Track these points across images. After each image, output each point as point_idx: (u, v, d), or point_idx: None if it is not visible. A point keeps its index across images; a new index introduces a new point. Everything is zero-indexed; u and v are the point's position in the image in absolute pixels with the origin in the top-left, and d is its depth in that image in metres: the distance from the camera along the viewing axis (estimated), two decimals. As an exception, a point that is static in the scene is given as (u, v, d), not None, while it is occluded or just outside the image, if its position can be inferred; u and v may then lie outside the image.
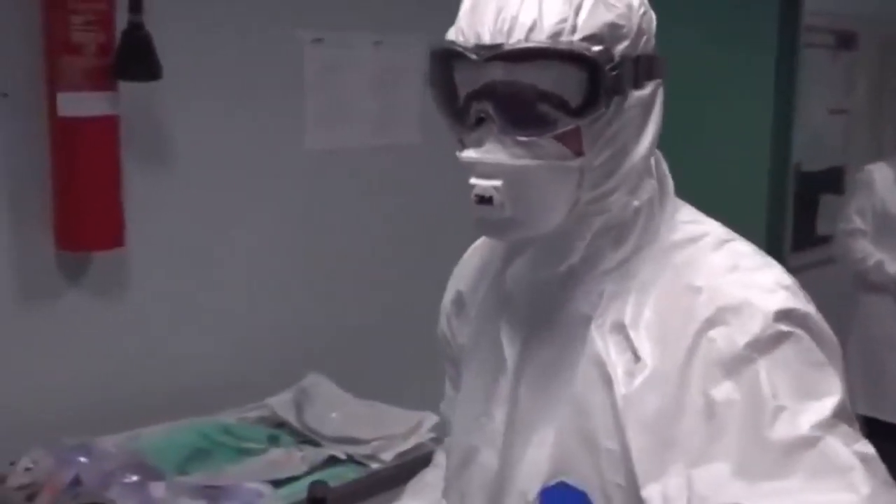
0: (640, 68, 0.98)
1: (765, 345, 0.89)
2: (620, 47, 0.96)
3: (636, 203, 1.01)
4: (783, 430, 0.86)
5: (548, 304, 1.05)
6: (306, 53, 2.42)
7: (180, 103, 2.14)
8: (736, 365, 0.90)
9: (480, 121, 0.97)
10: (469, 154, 0.98)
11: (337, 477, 1.94)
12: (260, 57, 2.31)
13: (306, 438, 2.08)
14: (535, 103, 0.96)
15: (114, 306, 2.12)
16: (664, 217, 1.04)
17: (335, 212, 2.53)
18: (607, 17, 0.95)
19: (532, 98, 0.96)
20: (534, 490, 1.02)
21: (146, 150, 2.12)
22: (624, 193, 1.00)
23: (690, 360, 0.92)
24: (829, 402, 0.87)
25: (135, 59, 1.92)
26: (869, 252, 3.81)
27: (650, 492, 0.91)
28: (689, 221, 1.05)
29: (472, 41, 0.97)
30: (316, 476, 1.93)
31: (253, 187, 2.33)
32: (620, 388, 0.96)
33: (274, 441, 2.07)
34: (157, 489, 1.81)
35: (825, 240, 4.63)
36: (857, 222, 3.91)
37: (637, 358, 0.96)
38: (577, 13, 0.94)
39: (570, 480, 0.99)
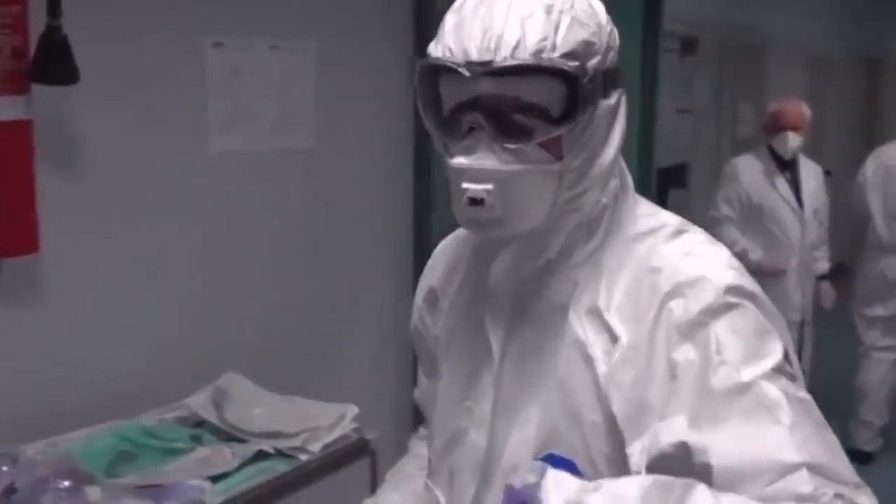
0: (608, 79, 1.10)
1: (716, 312, 1.04)
2: (593, 62, 1.08)
3: (604, 200, 1.14)
4: (723, 379, 0.99)
5: (527, 295, 1.17)
6: (208, 57, 2.44)
7: (89, 108, 2.13)
8: (692, 329, 1.03)
9: (471, 130, 1.08)
10: (460, 161, 1.09)
11: (268, 470, 1.99)
12: (165, 61, 2.32)
13: (229, 436, 2.12)
14: (522, 114, 1.08)
15: (26, 312, 2.10)
16: (626, 211, 1.17)
17: (242, 213, 2.56)
18: (582, 35, 1.08)
19: (519, 109, 1.08)
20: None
21: (58, 154, 2.11)
22: (596, 192, 1.13)
23: (655, 331, 1.06)
24: (770, 360, 1.01)
25: (53, 62, 1.91)
26: (734, 239, 4.14)
27: (632, 449, 1.04)
28: (648, 214, 1.19)
29: (460, 57, 1.07)
30: (247, 471, 1.98)
31: (163, 190, 2.34)
32: (600, 366, 1.09)
33: (197, 440, 2.10)
34: (93, 493, 1.81)
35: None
36: (725, 210, 4.26)
37: (613, 337, 1.09)
38: (556, 31, 1.06)
39: (558, 452, 1.11)
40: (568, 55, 1.06)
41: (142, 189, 2.29)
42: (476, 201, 1.08)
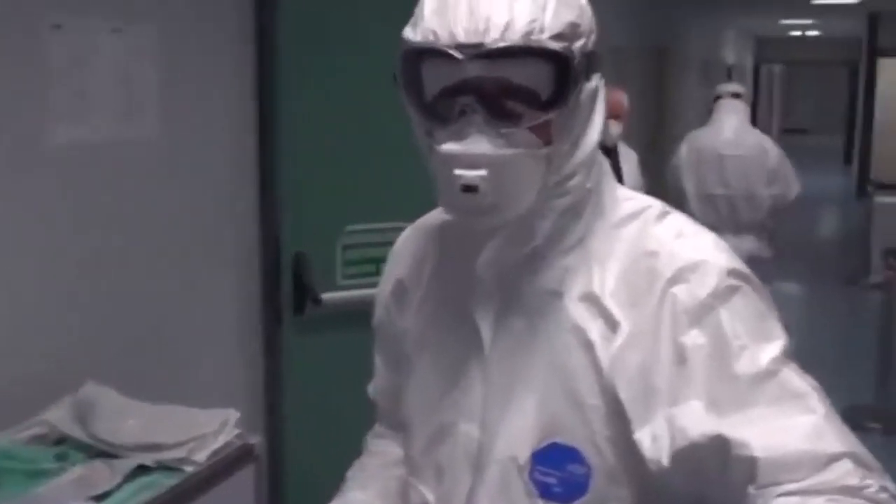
0: (589, 62, 1.09)
1: (722, 295, 1.05)
2: (578, 44, 1.08)
3: (588, 185, 1.13)
4: (747, 364, 1.01)
5: (516, 283, 1.15)
6: (46, 41, 2.23)
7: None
8: (699, 314, 1.04)
9: (461, 114, 1.05)
10: (452, 147, 1.06)
11: (152, 485, 1.84)
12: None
13: (99, 451, 1.94)
14: (512, 97, 1.06)
15: None
16: (608, 195, 1.17)
17: (86, 209, 2.36)
18: (568, 16, 1.07)
19: (509, 92, 1.06)
20: (524, 454, 1.10)
21: None
22: (581, 177, 1.11)
23: (659, 316, 1.06)
24: (778, 344, 1.04)
25: None
26: None
27: (641, 435, 1.03)
28: (628, 198, 1.19)
29: (447, 40, 1.04)
30: (128, 488, 1.82)
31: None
32: (600, 350, 1.07)
33: (63, 458, 1.91)
34: (-41, 526, 1.62)
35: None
36: None
37: (612, 323, 1.08)
38: (543, 13, 1.05)
39: (560, 440, 1.08)
40: (556, 37, 1.05)
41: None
42: (470, 188, 1.05)
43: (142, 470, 1.88)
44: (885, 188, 9.19)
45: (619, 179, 4.45)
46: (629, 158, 4.66)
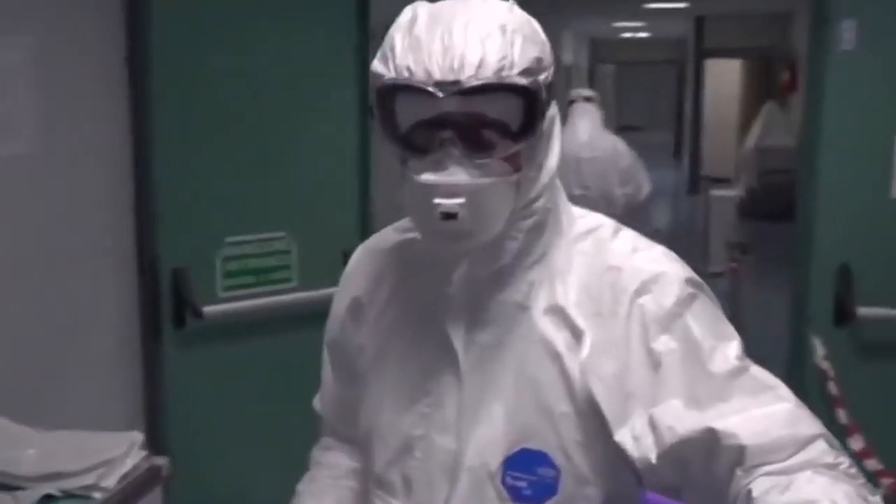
0: (549, 93, 1.16)
1: (685, 303, 1.15)
2: (542, 77, 1.14)
3: (549, 206, 1.19)
4: (720, 363, 1.11)
5: (483, 298, 1.21)
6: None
7: None
8: (667, 321, 1.13)
9: (440, 146, 1.11)
10: (430, 177, 1.12)
11: (62, 516, 1.80)
12: None
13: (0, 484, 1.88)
14: (488, 129, 1.12)
15: None
16: (564, 213, 1.24)
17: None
18: (534, 52, 1.14)
19: (486, 125, 1.12)
20: (495, 462, 1.16)
21: None
22: (544, 199, 1.18)
23: (628, 326, 1.14)
24: (737, 342, 1.15)
25: None
26: None
27: (621, 436, 1.12)
28: (582, 216, 1.27)
29: (423, 77, 1.10)
30: (36, 519, 1.77)
31: None
32: (568, 360, 1.14)
33: (-41, 495, 1.84)
34: None
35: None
36: None
37: (576, 332, 1.15)
38: (512, 48, 1.11)
39: (530, 445, 1.15)
40: (524, 72, 1.12)
41: None
42: (449, 216, 1.11)
43: (47, 500, 1.83)
44: (719, 182, 9.72)
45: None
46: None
